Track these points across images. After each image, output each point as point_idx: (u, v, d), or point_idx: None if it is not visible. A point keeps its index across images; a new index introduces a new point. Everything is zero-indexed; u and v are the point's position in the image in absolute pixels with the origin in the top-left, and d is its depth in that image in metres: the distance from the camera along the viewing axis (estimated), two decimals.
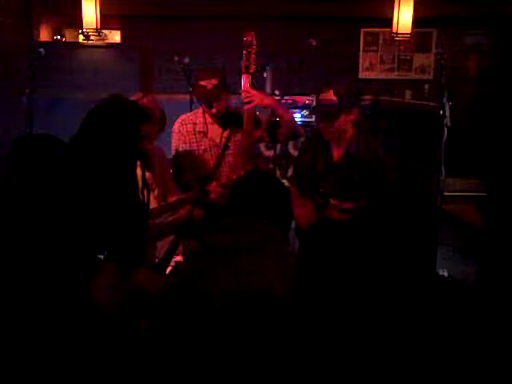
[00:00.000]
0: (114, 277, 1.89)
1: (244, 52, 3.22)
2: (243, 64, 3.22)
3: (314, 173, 3.17)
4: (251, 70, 3.23)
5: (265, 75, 3.42)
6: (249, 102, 3.23)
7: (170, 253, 2.71)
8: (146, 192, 2.53)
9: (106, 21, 6.12)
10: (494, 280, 4.05)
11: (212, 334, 1.46)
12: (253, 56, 3.21)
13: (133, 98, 3.17)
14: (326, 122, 3.05)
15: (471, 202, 5.88)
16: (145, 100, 3.16)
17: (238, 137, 3.40)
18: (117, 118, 2.29)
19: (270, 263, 1.64)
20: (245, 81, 3.24)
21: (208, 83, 3.25)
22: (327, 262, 1.61)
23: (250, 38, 3.23)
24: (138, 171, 2.52)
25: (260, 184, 1.92)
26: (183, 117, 3.52)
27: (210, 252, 1.69)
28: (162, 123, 3.10)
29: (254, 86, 3.27)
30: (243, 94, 3.23)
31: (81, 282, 1.68)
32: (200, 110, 3.48)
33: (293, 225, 3.45)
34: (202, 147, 3.40)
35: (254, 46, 3.21)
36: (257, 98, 3.26)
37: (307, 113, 6.03)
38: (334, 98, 3.01)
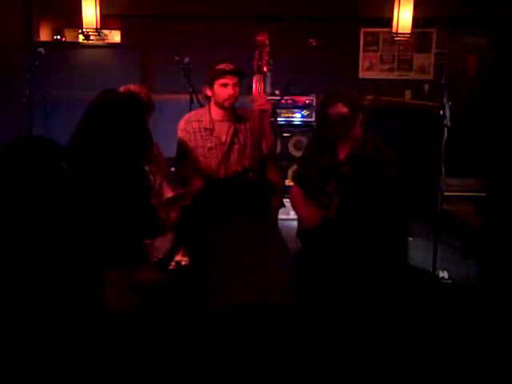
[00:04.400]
0: (124, 283, 1.88)
1: (256, 52, 3.21)
2: (255, 64, 3.21)
3: (320, 172, 3.18)
4: (263, 71, 3.23)
5: (266, 74, 3.41)
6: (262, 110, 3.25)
7: (171, 253, 2.71)
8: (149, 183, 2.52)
9: (105, 21, 6.13)
10: (494, 280, 4.05)
11: (208, 343, 1.46)
12: (265, 56, 3.21)
13: (121, 90, 3.20)
14: (341, 135, 3.09)
15: (471, 202, 5.88)
16: (131, 87, 3.20)
17: (244, 133, 3.42)
18: (128, 112, 2.26)
19: (270, 267, 1.63)
20: (256, 81, 3.24)
21: (226, 66, 3.33)
22: (330, 265, 1.62)
23: (262, 38, 3.22)
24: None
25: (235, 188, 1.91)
26: (189, 115, 3.54)
27: (210, 258, 1.69)
28: (149, 107, 3.24)
29: (265, 86, 3.28)
30: (259, 100, 3.23)
31: (90, 287, 1.66)
32: (205, 109, 3.49)
33: (295, 225, 3.46)
34: (208, 145, 3.40)
35: (266, 47, 3.21)
36: (268, 104, 3.30)
37: (307, 113, 6.03)
38: (345, 109, 3.03)
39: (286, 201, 3.50)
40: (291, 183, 3.47)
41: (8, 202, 1.60)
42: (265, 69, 3.23)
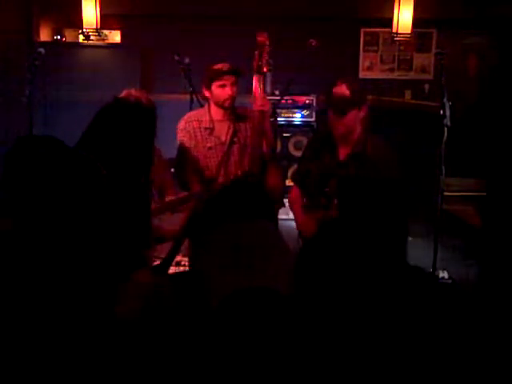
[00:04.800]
0: (124, 289, 1.88)
1: (256, 52, 3.21)
2: (255, 64, 3.22)
3: (320, 172, 3.17)
4: (263, 71, 3.23)
5: (266, 75, 3.41)
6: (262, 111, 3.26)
7: (172, 253, 2.70)
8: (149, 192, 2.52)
9: (106, 21, 6.13)
10: (494, 280, 4.05)
11: (209, 333, 1.46)
12: (265, 56, 3.21)
13: (123, 94, 3.20)
14: (338, 114, 3.06)
15: (471, 202, 5.88)
16: (133, 91, 3.20)
17: (244, 133, 3.42)
18: (137, 120, 2.24)
19: (270, 260, 1.63)
20: (256, 81, 3.24)
21: (223, 66, 3.31)
22: (331, 265, 1.61)
23: (262, 38, 3.22)
24: None
25: (242, 193, 1.90)
26: (188, 114, 3.54)
27: (210, 249, 1.69)
28: None
29: (264, 86, 3.28)
30: (259, 101, 3.23)
31: (100, 291, 1.65)
32: (205, 108, 3.49)
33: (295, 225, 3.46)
34: (208, 144, 3.41)
35: (266, 47, 3.21)
36: (268, 104, 3.30)
37: (307, 113, 6.03)
38: (347, 91, 3.05)
39: (286, 201, 3.50)
40: (291, 183, 3.47)
41: (21, 200, 1.59)
42: (265, 69, 3.23)
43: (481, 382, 1.52)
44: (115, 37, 6.55)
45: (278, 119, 5.48)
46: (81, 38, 6.18)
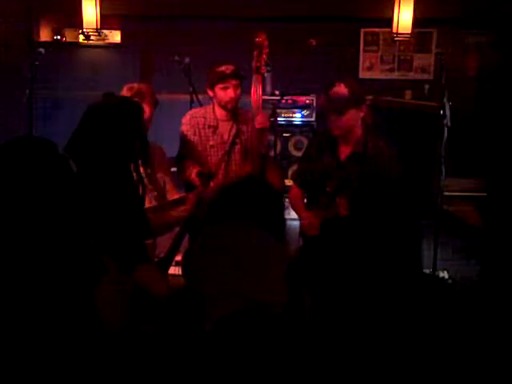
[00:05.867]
0: (120, 289, 1.87)
1: (255, 53, 3.22)
2: (254, 65, 3.22)
3: (320, 171, 3.17)
4: (262, 71, 3.24)
5: (265, 75, 3.42)
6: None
7: (172, 251, 2.70)
8: (141, 186, 2.52)
9: (106, 21, 6.11)
10: (494, 280, 4.05)
11: (205, 351, 1.45)
12: (264, 57, 3.21)
13: (125, 88, 3.20)
14: (337, 114, 3.05)
15: (471, 202, 5.88)
16: (135, 84, 3.21)
17: (246, 135, 3.43)
18: (121, 117, 2.28)
19: (268, 272, 1.62)
20: (255, 81, 3.24)
21: (226, 68, 3.30)
22: (331, 262, 1.61)
23: (261, 38, 3.23)
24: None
25: (252, 191, 1.88)
26: (194, 110, 3.57)
27: (207, 251, 1.68)
28: (153, 102, 3.21)
29: (263, 86, 3.29)
30: (260, 119, 3.24)
31: (84, 290, 1.65)
32: (210, 106, 3.50)
33: (295, 225, 3.45)
34: (211, 142, 3.42)
35: (265, 47, 3.22)
36: (268, 122, 3.31)
37: (307, 113, 6.03)
38: (346, 91, 3.05)
39: (286, 201, 3.50)
40: (291, 183, 3.47)
41: (12, 202, 1.58)
42: (263, 69, 3.24)
43: (481, 381, 1.52)
44: (115, 37, 6.54)
45: (278, 119, 5.48)
46: (81, 37, 6.16)
